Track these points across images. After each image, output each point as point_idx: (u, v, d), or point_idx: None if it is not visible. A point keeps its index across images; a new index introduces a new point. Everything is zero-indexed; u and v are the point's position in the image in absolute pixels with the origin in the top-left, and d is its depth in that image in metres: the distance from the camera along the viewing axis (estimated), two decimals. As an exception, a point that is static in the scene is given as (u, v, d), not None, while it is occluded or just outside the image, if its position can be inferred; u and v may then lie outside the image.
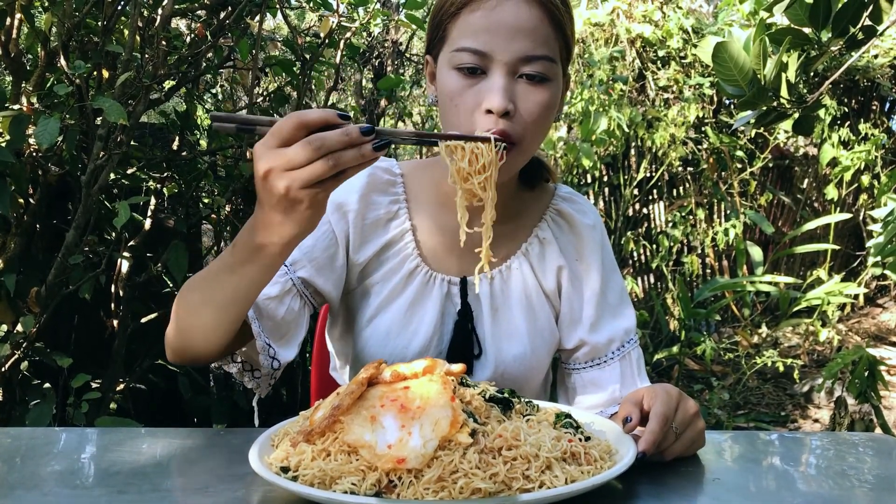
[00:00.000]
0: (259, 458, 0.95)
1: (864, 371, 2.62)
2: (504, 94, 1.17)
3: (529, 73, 1.19)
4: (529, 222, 1.44)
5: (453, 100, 1.21)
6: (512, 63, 1.18)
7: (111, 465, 1.07)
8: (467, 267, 1.39)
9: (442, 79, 1.24)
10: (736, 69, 1.99)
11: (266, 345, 1.25)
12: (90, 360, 2.50)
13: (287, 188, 0.93)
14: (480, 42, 1.18)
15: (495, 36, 1.17)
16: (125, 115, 1.76)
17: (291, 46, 2.62)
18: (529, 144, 1.24)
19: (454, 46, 1.21)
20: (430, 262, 1.38)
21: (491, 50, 1.18)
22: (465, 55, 1.19)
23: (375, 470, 0.88)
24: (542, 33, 1.20)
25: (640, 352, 1.46)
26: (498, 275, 1.40)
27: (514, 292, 1.40)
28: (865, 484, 1.02)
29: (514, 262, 1.41)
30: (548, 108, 1.22)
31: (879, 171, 5.75)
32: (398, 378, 1.00)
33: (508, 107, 1.17)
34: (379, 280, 1.38)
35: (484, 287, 1.39)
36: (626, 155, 5.23)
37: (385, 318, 1.36)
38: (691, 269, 5.17)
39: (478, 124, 1.19)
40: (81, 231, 2.16)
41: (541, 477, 0.88)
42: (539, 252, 1.42)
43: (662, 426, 1.01)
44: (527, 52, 1.18)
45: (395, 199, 1.40)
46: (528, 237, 1.42)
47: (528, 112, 1.20)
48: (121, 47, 2.01)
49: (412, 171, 1.44)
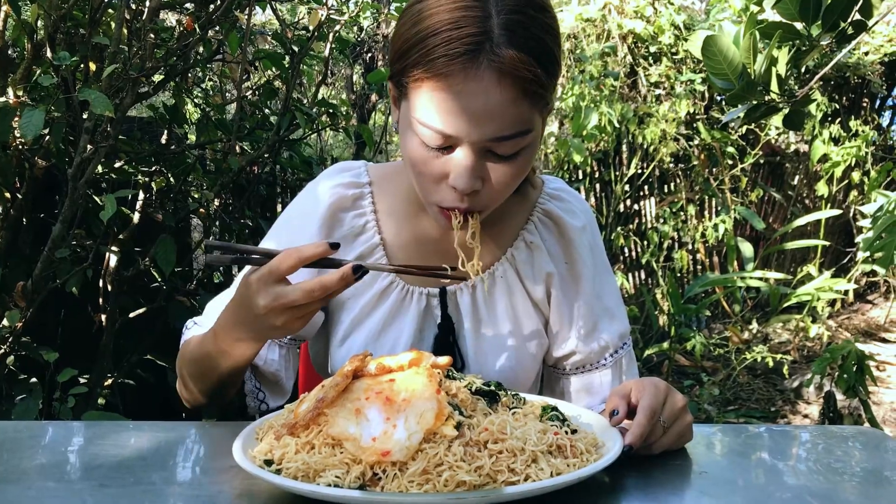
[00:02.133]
0: (243, 451, 0.95)
1: (852, 366, 2.62)
2: (471, 174, 1.08)
3: (500, 153, 1.09)
4: (515, 225, 1.35)
5: (416, 167, 1.12)
6: (480, 143, 1.07)
7: (94, 459, 1.06)
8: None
9: (404, 134, 1.13)
10: (725, 63, 1.98)
11: (255, 388, 1.30)
12: (78, 355, 2.49)
13: (285, 321, 1.03)
14: (445, 124, 1.05)
15: (461, 119, 1.04)
16: (111, 107, 1.75)
17: (281, 40, 2.60)
18: (493, 207, 1.18)
19: (417, 115, 1.07)
20: (405, 277, 1.31)
21: (456, 133, 1.05)
22: (428, 133, 1.07)
23: (359, 463, 0.88)
24: (515, 112, 1.05)
25: (632, 354, 1.42)
26: (480, 284, 1.32)
27: (499, 302, 1.33)
28: (853, 477, 1.02)
29: (499, 269, 1.33)
30: (519, 176, 1.14)
31: (870, 167, 5.77)
32: (384, 371, 0.99)
33: (476, 186, 1.09)
34: (350, 296, 1.32)
35: (465, 298, 1.32)
36: (617, 151, 5.23)
37: (359, 336, 1.31)
38: (681, 265, 5.17)
39: (443, 197, 1.13)
40: (68, 225, 2.14)
41: (526, 470, 0.88)
42: (527, 258, 1.34)
43: (650, 419, 1.00)
44: (495, 134, 1.06)
45: (360, 212, 1.32)
46: (513, 241, 1.34)
47: (496, 184, 1.11)
48: (107, 39, 2.00)
49: (381, 178, 1.36)
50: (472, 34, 1.02)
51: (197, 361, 1.23)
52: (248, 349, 1.15)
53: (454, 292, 1.32)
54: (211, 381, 1.23)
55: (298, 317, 1.03)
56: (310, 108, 2.64)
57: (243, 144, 2.84)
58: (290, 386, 1.35)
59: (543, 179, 1.42)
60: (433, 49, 1.03)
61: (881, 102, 6.85)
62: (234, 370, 1.20)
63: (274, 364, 1.31)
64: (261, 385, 1.31)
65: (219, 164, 2.76)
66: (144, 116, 3.09)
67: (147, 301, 2.71)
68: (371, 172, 1.37)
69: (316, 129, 2.79)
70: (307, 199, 1.35)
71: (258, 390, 1.30)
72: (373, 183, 1.35)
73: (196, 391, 1.28)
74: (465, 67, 1.02)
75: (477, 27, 1.02)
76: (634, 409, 1.04)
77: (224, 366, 1.18)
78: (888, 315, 6.08)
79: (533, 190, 1.38)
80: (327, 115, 2.73)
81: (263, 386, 1.31)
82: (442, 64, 1.02)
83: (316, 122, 2.71)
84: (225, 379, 1.22)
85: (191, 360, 1.25)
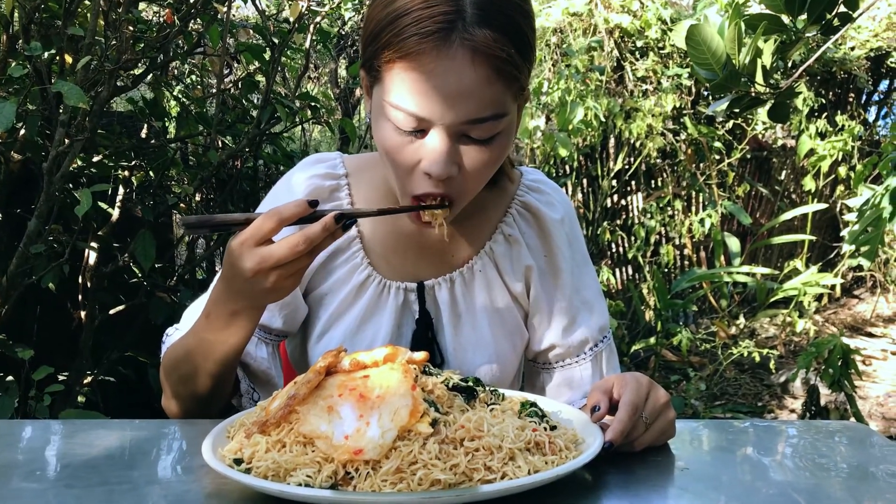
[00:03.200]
0: (212, 450, 0.92)
1: (837, 360, 2.62)
2: (446, 160, 1.06)
3: (474, 136, 1.07)
4: (493, 218, 1.33)
5: (390, 154, 1.10)
6: (454, 126, 1.05)
7: (60, 458, 1.03)
8: (424, 271, 1.30)
9: (377, 122, 1.11)
10: (709, 53, 1.96)
11: (250, 388, 1.26)
12: (57, 353, 2.45)
13: (275, 281, 1.00)
14: (418, 106, 1.03)
15: (435, 101, 1.02)
16: (85, 99, 1.71)
17: (261, 32, 2.57)
18: (469, 198, 1.15)
19: (390, 99, 1.05)
20: (383, 270, 1.29)
21: (430, 115, 1.03)
22: (401, 116, 1.05)
23: (331, 461, 0.85)
24: (489, 94, 1.03)
25: (613, 348, 1.40)
26: (459, 277, 1.30)
27: (478, 297, 1.30)
28: (839, 472, 1.00)
29: (477, 262, 1.30)
30: (494, 163, 1.12)
31: (856, 161, 5.78)
32: (358, 367, 0.96)
33: (451, 172, 1.07)
34: (327, 291, 1.30)
35: (444, 293, 1.29)
36: (604, 146, 5.21)
37: (336, 332, 1.29)
38: (668, 260, 5.16)
39: (417, 185, 1.10)
40: (44, 220, 2.10)
41: (503, 468, 0.85)
42: (505, 251, 1.32)
43: (631, 416, 0.98)
44: (470, 116, 1.04)
45: (337, 205, 1.29)
46: (491, 234, 1.32)
47: (472, 172, 1.09)
48: (83, 30, 1.96)
49: (357, 169, 1.33)
50: (444, 13, 1.01)
51: (186, 360, 1.17)
52: (243, 326, 1.10)
53: (432, 287, 1.30)
54: (202, 381, 1.17)
55: (288, 275, 1.01)
56: (291, 101, 2.61)
57: (224, 138, 2.80)
58: (281, 384, 1.31)
59: (521, 171, 1.40)
60: (404, 28, 1.01)
61: (867, 97, 6.88)
62: (227, 358, 1.14)
63: (264, 362, 1.28)
64: (254, 385, 1.27)
65: (199, 158, 2.72)
66: (124, 111, 3.05)
67: (127, 297, 2.67)
68: (347, 164, 1.34)
69: (298, 123, 2.75)
70: (282, 190, 1.32)
71: (252, 390, 1.26)
72: (349, 175, 1.33)
73: (187, 397, 1.21)
74: (437, 46, 1.00)
75: (449, 6, 1.01)
76: (616, 405, 1.01)
77: (218, 353, 1.13)
78: (874, 310, 6.11)
79: (510, 183, 1.36)
80: (309, 109, 2.70)
81: (256, 385, 1.27)
82: (413, 43, 1.01)
83: (298, 116, 2.67)
84: (218, 373, 1.16)
85: (178, 362, 1.19)
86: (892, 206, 3.10)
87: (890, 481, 0.96)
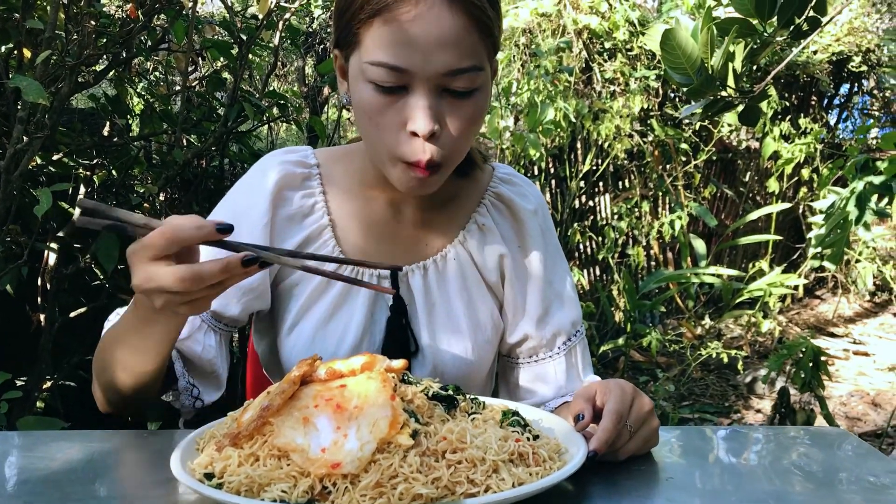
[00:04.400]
0: (181, 464, 0.87)
1: (808, 362, 2.64)
2: (430, 115, 1.06)
3: (456, 89, 1.07)
4: (466, 208, 1.33)
5: (372, 118, 1.09)
6: (435, 78, 1.05)
7: (19, 473, 0.98)
8: (398, 258, 1.29)
9: (356, 90, 1.10)
10: (684, 57, 1.96)
11: (189, 384, 1.19)
12: (14, 357, 2.37)
13: (164, 304, 0.91)
14: (398, 58, 1.03)
15: (415, 50, 1.03)
16: (45, 94, 1.64)
17: (228, 27, 2.51)
18: (457, 159, 1.15)
19: (368, 58, 1.06)
20: (355, 256, 1.28)
21: (410, 66, 1.04)
22: (381, 71, 1.05)
23: (308, 476, 0.81)
24: (468, 43, 1.05)
25: (585, 343, 1.40)
26: (433, 265, 1.29)
27: (452, 285, 1.30)
28: (822, 478, 0.98)
29: (451, 251, 1.30)
30: (476, 120, 1.13)
31: (818, 164, 5.86)
32: (334, 376, 0.93)
33: (435, 128, 1.06)
34: (298, 281, 1.27)
35: (417, 280, 1.28)
36: (572, 147, 5.22)
37: (308, 322, 1.26)
38: (637, 261, 5.18)
39: (405, 149, 1.08)
40: (2, 220, 2.03)
41: (487, 481, 0.83)
42: (479, 240, 1.32)
43: (616, 424, 0.96)
44: (451, 65, 1.05)
45: (308, 192, 1.27)
46: (465, 224, 1.32)
47: (455, 128, 1.09)
48: (42, 24, 1.89)
49: (329, 160, 1.32)
50: None
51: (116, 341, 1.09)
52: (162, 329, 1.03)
53: (406, 274, 1.28)
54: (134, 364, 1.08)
55: (180, 303, 0.90)
56: (259, 99, 2.55)
57: (189, 137, 2.74)
58: (225, 378, 1.26)
59: (493, 166, 1.40)
60: None
61: (828, 101, 6.99)
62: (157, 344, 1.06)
63: (211, 350, 1.22)
64: (194, 380, 1.21)
65: (163, 157, 2.65)
66: (85, 108, 2.96)
67: (89, 300, 2.59)
68: (318, 156, 1.33)
69: (265, 122, 2.70)
70: (254, 176, 1.29)
71: (192, 386, 1.20)
72: (320, 165, 1.31)
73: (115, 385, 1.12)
74: None
75: None
76: (600, 413, 0.99)
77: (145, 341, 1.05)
78: (836, 310, 6.20)
79: (482, 174, 1.37)
80: (277, 107, 2.65)
81: (196, 379, 1.22)
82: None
83: (266, 114, 2.62)
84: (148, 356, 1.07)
85: (109, 344, 1.12)
86: (857, 210, 3.14)
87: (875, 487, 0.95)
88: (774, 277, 4.78)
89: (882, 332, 5.86)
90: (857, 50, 6.40)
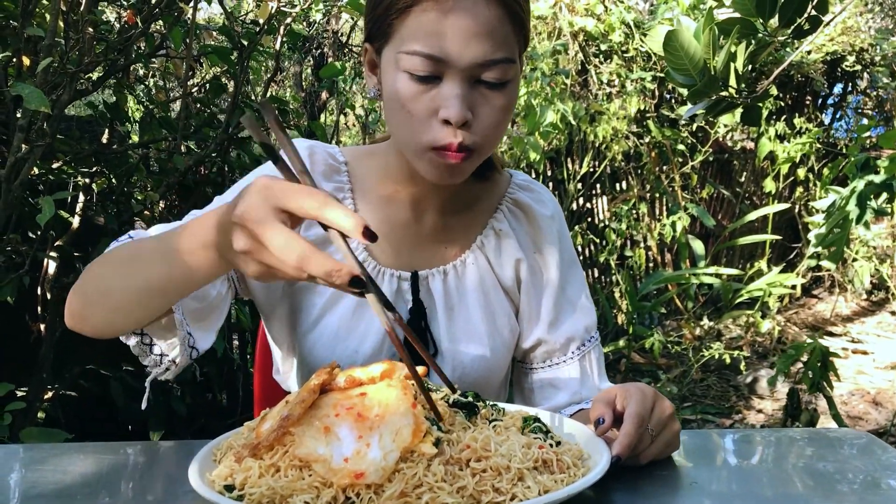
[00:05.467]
0: (199, 476, 0.86)
1: (816, 362, 2.63)
2: (462, 103, 1.07)
3: (488, 80, 1.09)
4: (484, 213, 1.34)
5: (405, 106, 1.10)
6: (469, 68, 1.07)
7: (32, 487, 0.96)
8: (418, 261, 1.29)
9: (389, 79, 1.11)
10: (687, 58, 1.95)
11: (187, 334, 1.13)
12: (14, 368, 2.35)
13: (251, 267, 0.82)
14: (435, 47, 1.05)
15: (451, 40, 1.05)
16: (47, 102, 1.63)
17: (228, 33, 2.49)
18: (487, 149, 1.15)
19: (404, 48, 1.07)
20: (378, 257, 1.27)
21: (447, 55, 1.06)
22: (417, 60, 1.06)
23: (331, 486, 0.80)
24: (502, 34, 1.08)
25: (600, 350, 1.40)
26: (452, 270, 1.30)
27: (471, 289, 1.30)
28: (851, 482, 0.97)
29: (469, 256, 1.31)
30: (507, 112, 1.14)
31: (813, 164, 5.87)
32: (353, 384, 0.91)
33: (467, 116, 1.08)
34: None
35: (437, 284, 1.29)
36: (569, 149, 5.21)
37: (332, 319, 1.25)
38: (640, 263, 5.17)
39: (434, 135, 1.09)
40: (2, 229, 2.01)
41: (512, 489, 0.81)
42: (496, 245, 1.32)
43: (638, 428, 0.95)
44: (486, 56, 1.07)
45: (339, 186, 1.28)
46: (482, 229, 1.33)
47: (487, 118, 1.11)
48: (42, 31, 1.87)
49: (356, 159, 1.32)
50: None
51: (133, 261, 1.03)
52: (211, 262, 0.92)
53: (426, 277, 1.28)
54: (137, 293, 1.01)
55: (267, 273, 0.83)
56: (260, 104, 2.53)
57: (189, 143, 2.72)
58: (217, 332, 1.19)
59: (511, 173, 1.41)
60: None
61: (823, 101, 7.00)
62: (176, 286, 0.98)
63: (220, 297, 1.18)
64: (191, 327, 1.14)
65: (163, 164, 2.63)
66: (83, 116, 2.94)
67: (89, 309, 2.57)
68: (345, 153, 1.33)
69: (266, 127, 2.68)
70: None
71: (189, 335, 1.13)
72: (348, 163, 1.31)
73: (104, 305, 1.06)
74: None
75: None
76: (620, 417, 0.98)
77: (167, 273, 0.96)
78: (834, 309, 6.20)
79: (500, 180, 1.38)
80: (278, 112, 2.63)
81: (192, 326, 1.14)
82: None
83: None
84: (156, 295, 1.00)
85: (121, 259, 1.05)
86: (857, 209, 3.13)
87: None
88: (774, 277, 4.78)
89: (880, 330, 5.87)
90: (850, 49, 6.41)
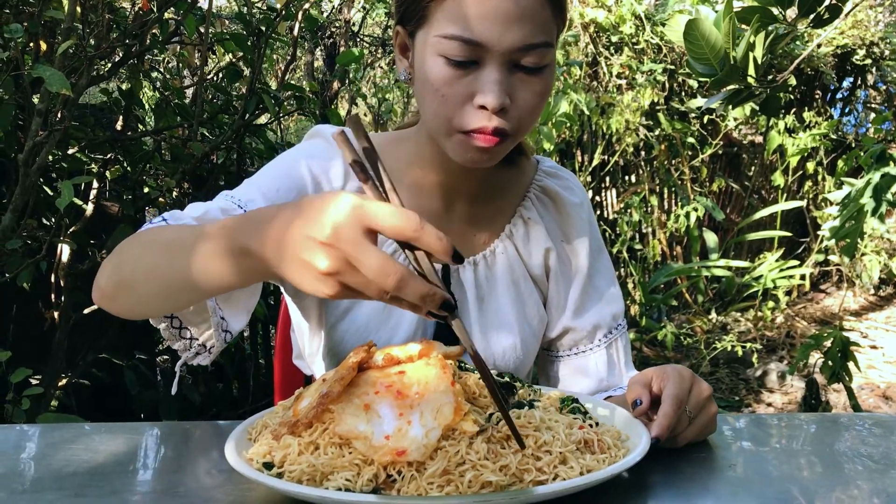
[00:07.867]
0: (237, 454, 0.85)
1: (836, 352, 2.63)
2: (500, 89, 1.05)
3: (527, 64, 1.06)
4: (512, 201, 1.32)
5: (440, 90, 1.07)
6: (508, 53, 1.04)
7: (65, 466, 0.95)
8: None
9: (424, 63, 1.09)
10: (708, 47, 1.94)
11: (221, 319, 1.10)
12: (29, 354, 2.34)
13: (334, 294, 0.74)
14: (474, 31, 1.03)
15: (490, 24, 1.02)
16: (68, 84, 1.61)
17: (244, 19, 2.48)
18: (521, 134, 1.13)
19: (441, 31, 1.05)
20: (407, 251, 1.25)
21: (486, 40, 1.03)
22: (454, 45, 1.04)
23: (372, 464, 0.79)
24: (541, 18, 1.05)
25: (627, 339, 1.38)
26: (482, 260, 1.28)
27: (501, 279, 1.29)
28: (891, 465, 0.96)
29: (499, 245, 1.29)
30: (544, 97, 1.11)
31: (822, 157, 5.85)
32: (391, 362, 0.90)
33: (506, 103, 1.06)
34: None
35: (468, 274, 1.27)
36: (580, 141, 5.19)
37: (363, 309, 1.23)
38: (653, 255, 5.15)
39: (470, 120, 1.07)
40: (19, 214, 2.00)
41: (554, 469, 0.80)
42: (524, 233, 1.31)
43: (676, 409, 0.94)
44: (525, 41, 1.04)
45: None
46: (511, 217, 1.31)
47: (524, 103, 1.09)
48: (61, 14, 1.86)
49: (383, 146, 1.28)
50: None
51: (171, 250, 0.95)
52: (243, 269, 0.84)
53: (457, 269, 1.27)
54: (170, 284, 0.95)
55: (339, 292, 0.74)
56: (277, 91, 2.52)
57: (203, 130, 2.70)
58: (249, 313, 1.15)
59: (538, 159, 1.38)
60: None
61: (832, 94, 6.97)
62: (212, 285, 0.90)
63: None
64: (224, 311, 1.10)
65: (178, 151, 2.62)
66: (96, 103, 2.93)
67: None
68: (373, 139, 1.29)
69: (283, 114, 2.67)
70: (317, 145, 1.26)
71: (223, 320, 1.10)
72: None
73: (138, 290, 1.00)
74: None
75: None
76: (657, 399, 0.97)
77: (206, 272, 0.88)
78: (842, 303, 6.18)
79: (528, 167, 1.35)
80: (295, 100, 2.62)
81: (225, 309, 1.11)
82: None
83: (282, 107, 2.59)
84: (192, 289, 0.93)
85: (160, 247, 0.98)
86: (873, 201, 3.12)
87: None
88: (775, 264, 4.76)
89: (889, 325, 5.85)
90: (861, 43, 6.38)
